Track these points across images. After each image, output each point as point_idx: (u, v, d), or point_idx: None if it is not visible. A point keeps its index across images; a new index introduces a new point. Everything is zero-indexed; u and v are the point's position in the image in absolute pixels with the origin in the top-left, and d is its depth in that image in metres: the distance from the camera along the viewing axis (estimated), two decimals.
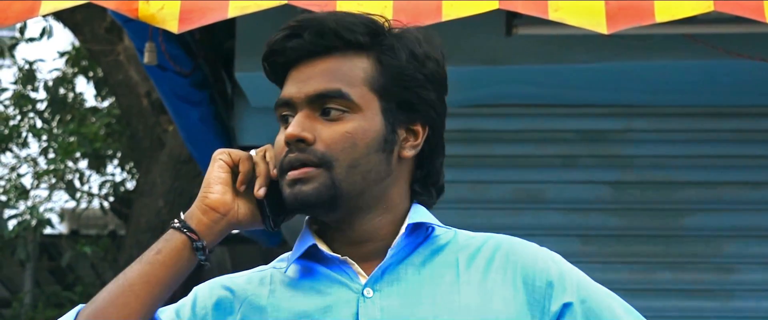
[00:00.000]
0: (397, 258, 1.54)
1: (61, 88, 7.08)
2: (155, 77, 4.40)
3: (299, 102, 1.53)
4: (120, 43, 6.14)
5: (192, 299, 1.62)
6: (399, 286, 1.52)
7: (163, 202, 6.12)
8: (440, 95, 1.57)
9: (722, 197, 4.24)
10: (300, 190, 1.50)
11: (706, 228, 4.23)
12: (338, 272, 1.54)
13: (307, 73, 1.53)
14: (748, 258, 4.22)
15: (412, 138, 1.56)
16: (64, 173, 6.74)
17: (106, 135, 6.85)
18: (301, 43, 1.53)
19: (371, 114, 1.52)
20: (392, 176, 1.54)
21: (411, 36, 1.55)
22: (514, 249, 1.57)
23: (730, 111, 4.25)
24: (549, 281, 1.54)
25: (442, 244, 1.57)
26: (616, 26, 2.97)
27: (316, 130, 1.51)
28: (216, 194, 1.53)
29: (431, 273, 1.54)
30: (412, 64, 1.54)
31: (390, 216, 1.55)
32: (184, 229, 1.54)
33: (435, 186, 1.60)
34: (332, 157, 1.50)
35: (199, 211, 1.54)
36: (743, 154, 4.25)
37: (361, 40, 1.53)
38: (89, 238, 6.96)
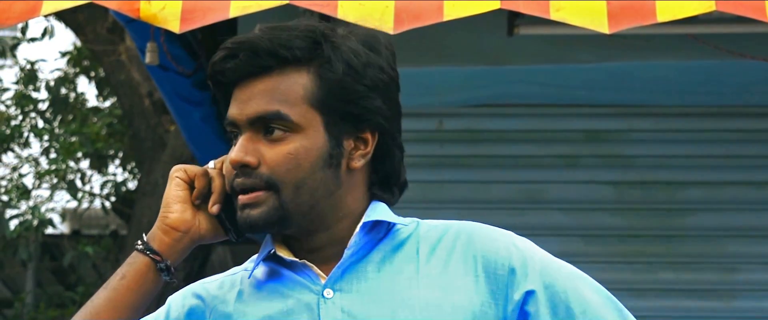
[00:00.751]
0: (357, 257, 1.54)
1: (63, 88, 7.08)
2: (157, 77, 4.40)
3: (242, 124, 1.52)
4: (122, 43, 6.14)
5: (165, 310, 1.63)
6: (359, 285, 1.53)
7: None
8: (387, 99, 1.55)
9: (725, 197, 4.23)
10: (248, 214, 1.51)
11: (708, 228, 4.23)
12: (300, 274, 1.55)
13: (248, 94, 1.52)
14: (751, 257, 4.22)
15: (362, 147, 1.55)
16: (65, 173, 6.74)
17: (108, 135, 6.85)
18: (238, 64, 1.52)
19: (313, 132, 1.52)
20: (343, 187, 1.54)
21: (349, 46, 1.54)
22: (474, 237, 1.56)
23: (733, 111, 4.24)
24: (511, 268, 1.52)
25: (403, 238, 1.56)
26: (617, 26, 2.96)
27: (260, 151, 1.51)
28: (175, 214, 1.55)
29: (391, 268, 1.54)
30: (350, 76, 1.52)
31: (346, 222, 1.55)
32: (146, 251, 1.55)
33: (396, 184, 1.59)
34: (278, 180, 1.50)
35: (161, 231, 1.56)
36: (746, 154, 4.24)
37: (297, 55, 1.52)
38: (91, 238, 6.97)
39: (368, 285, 1.52)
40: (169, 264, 1.55)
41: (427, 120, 4.29)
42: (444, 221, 1.59)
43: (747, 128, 4.24)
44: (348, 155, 1.54)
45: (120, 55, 6.19)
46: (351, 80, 1.52)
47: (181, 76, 4.30)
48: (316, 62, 1.52)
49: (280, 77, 1.52)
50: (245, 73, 1.52)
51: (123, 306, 1.55)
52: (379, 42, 1.57)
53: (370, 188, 1.57)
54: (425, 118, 4.23)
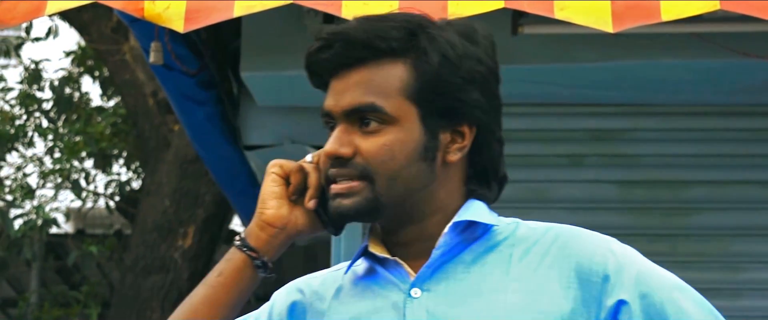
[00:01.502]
0: (447, 257, 1.51)
1: (67, 87, 7.08)
2: (161, 77, 4.40)
3: (337, 116, 1.52)
4: (126, 42, 6.15)
5: (269, 307, 1.63)
6: (446, 285, 1.50)
7: (169, 201, 6.12)
8: (485, 91, 1.51)
9: (730, 196, 4.23)
10: (340, 203, 1.50)
11: (713, 227, 4.22)
12: (392, 272, 1.54)
13: (343, 85, 1.52)
14: (756, 256, 4.21)
15: (458, 140, 1.52)
16: (69, 173, 6.74)
17: (112, 135, 6.85)
18: (332, 55, 1.51)
19: (409, 124, 1.50)
20: (438, 181, 1.52)
21: (446, 37, 1.51)
22: (571, 241, 1.51)
23: (737, 110, 4.24)
24: (605, 275, 1.47)
25: (498, 240, 1.52)
26: (622, 25, 2.95)
27: (355, 143, 1.51)
28: (271, 210, 1.54)
29: (481, 270, 1.50)
30: (446, 68, 1.50)
31: (440, 217, 1.52)
32: (243, 248, 1.54)
33: (495, 178, 1.56)
34: (372, 170, 1.49)
35: (257, 227, 1.55)
36: (751, 153, 4.24)
37: (393, 46, 1.50)
38: (95, 237, 6.97)
39: (456, 286, 1.50)
40: (266, 261, 1.54)
41: None
42: (545, 224, 1.56)
43: (752, 127, 4.23)
44: (444, 149, 1.52)
45: (124, 54, 6.19)
46: (447, 72, 1.50)
47: (186, 75, 4.30)
48: (412, 54, 1.50)
49: (375, 69, 1.50)
50: (340, 64, 1.51)
51: (220, 303, 1.54)
52: (477, 33, 1.53)
53: (467, 183, 1.54)
54: None
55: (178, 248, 6.12)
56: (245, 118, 4.54)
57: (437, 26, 1.52)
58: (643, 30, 3.31)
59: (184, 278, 6.12)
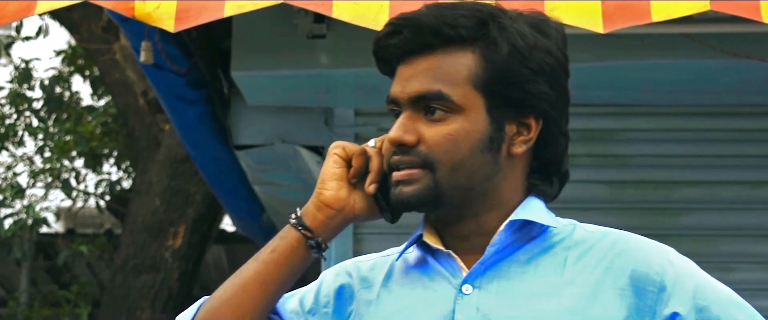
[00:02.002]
0: (502, 255, 1.50)
1: (58, 86, 7.06)
2: (152, 76, 4.39)
3: (403, 102, 1.50)
4: (116, 42, 6.13)
5: (317, 286, 1.61)
6: (499, 284, 1.48)
7: (160, 201, 6.11)
8: (554, 84, 1.50)
9: (720, 196, 4.23)
10: (402, 191, 1.48)
11: (703, 228, 4.23)
12: (444, 265, 1.52)
13: (411, 72, 1.50)
14: (746, 257, 4.22)
15: (524, 132, 1.50)
16: (60, 172, 6.72)
17: (103, 134, 6.83)
18: (401, 41, 1.49)
19: (474, 114, 1.48)
20: (501, 173, 1.50)
21: (516, 27, 1.49)
22: (629, 249, 1.49)
23: (728, 111, 4.24)
24: (661, 285, 1.46)
25: (554, 241, 1.51)
26: (612, 25, 2.95)
27: (420, 130, 1.49)
28: (330, 191, 1.52)
29: (535, 272, 1.48)
30: (515, 58, 1.47)
31: (499, 212, 1.50)
32: (299, 226, 1.53)
33: (557, 174, 1.54)
34: (435, 159, 1.47)
35: (314, 207, 1.53)
36: (741, 153, 4.24)
37: (463, 34, 1.48)
38: (85, 237, 6.95)
39: (508, 285, 1.48)
40: (320, 241, 1.53)
41: None
42: (602, 228, 1.54)
43: (742, 127, 4.24)
44: (509, 141, 1.50)
45: (115, 54, 6.18)
46: (516, 63, 1.48)
47: (176, 75, 4.29)
48: (481, 43, 1.48)
49: (443, 56, 1.48)
50: (408, 50, 1.49)
51: (270, 279, 1.53)
52: (548, 25, 1.52)
53: (529, 177, 1.52)
54: None
55: (169, 247, 6.10)
56: (235, 117, 4.53)
57: (508, 16, 1.51)
58: (634, 30, 3.31)
59: (175, 277, 6.10)
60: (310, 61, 4.03)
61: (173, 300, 6.11)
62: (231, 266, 7.49)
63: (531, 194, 1.52)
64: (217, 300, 1.55)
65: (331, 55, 4.04)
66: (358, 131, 4.34)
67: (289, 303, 1.60)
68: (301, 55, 4.03)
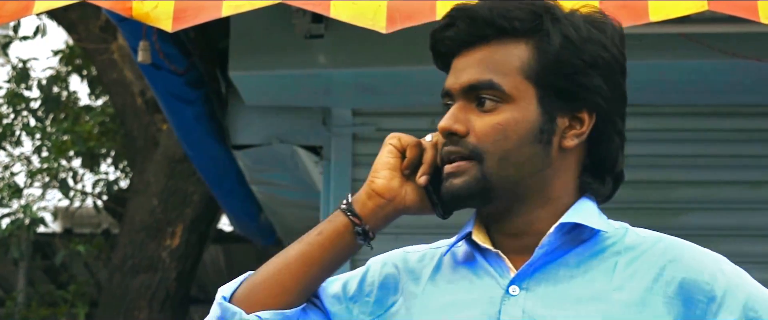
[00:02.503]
0: (551, 257, 1.48)
1: (55, 86, 7.06)
2: (149, 76, 4.39)
3: (455, 93, 1.51)
4: (114, 41, 6.13)
5: (362, 273, 1.60)
6: (546, 287, 1.47)
7: (157, 201, 6.11)
8: (608, 80, 1.48)
9: (717, 196, 4.23)
10: (451, 183, 1.48)
11: (702, 228, 4.22)
12: (492, 264, 1.51)
13: (464, 64, 1.50)
14: (744, 257, 4.15)
15: (576, 126, 1.49)
16: (57, 172, 6.71)
17: (100, 134, 6.83)
18: (456, 33, 1.50)
19: (525, 104, 1.47)
20: (552, 167, 1.48)
21: (570, 20, 1.49)
22: (681, 257, 1.47)
23: (726, 110, 4.24)
24: (711, 295, 1.44)
25: (605, 246, 1.49)
26: None
27: (470, 121, 1.49)
28: (382, 180, 1.52)
29: (584, 276, 1.46)
30: (568, 49, 1.47)
31: (551, 209, 1.49)
32: (348, 212, 1.53)
33: (611, 173, 1.52)
34: (483, 149, 1.47)
35: (365, 195, 1.53)
36: (739, 153, 4.24)
37: (516, 26, 1.48)
38: (83, 237, 6.95)
39: (556, 289, 1.46)
40: (368, 229, 1.52)
41: (420, 119, 4.28)
42: (654, 234, 1.53)
43: (740, 127, 4.24)
44: (561, 133, 1.49)
45: (112, 53, 6.17)
46: (568, 54, 1.47)
47: (174, 74, 4.29)
48: (535, 35, 1.49)
49: (496, 47, 1.49)
50: (463, 42, 1.50)
51: (314, 261, 1.53)
52: (604, 22, 1.52)
53: (581, 175, 1.51)
54: (418, 117, 4.22)
55: (166, 247, 6.10)
56: (233, 117, 4.53)
57: (563, 10, 1.51)
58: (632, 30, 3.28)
59: (172, 277, 6.10)
60: (308, 61, 4.03)
61: (171, 300, 6.10)
62: (229, 266, 7.48)
63: (584, 193, 1.51)
64: (260, 277, 1.54)
65: (329, 55, 4.03)
66: (356, 131, 4.33)
67: (332, 287, 1.59)
68: (299, 55, 4.02)
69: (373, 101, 4.29)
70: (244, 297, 1.53)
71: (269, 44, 4.04)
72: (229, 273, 7.40)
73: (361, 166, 4.33)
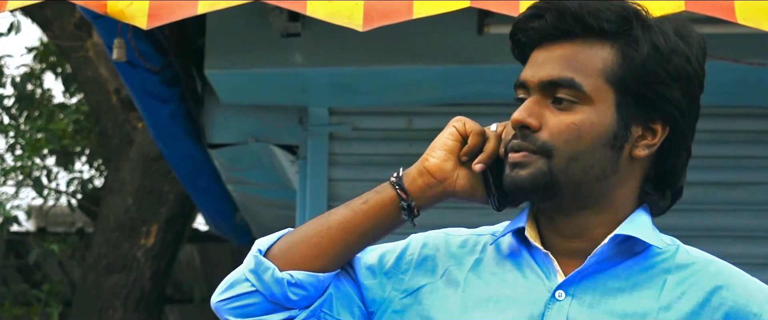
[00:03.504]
0: (602, 266, 1.47)
1: (29, 84, 7.01)
2: (125, 74, 4.36)
3: (532, 86, 1.48)
4: (89, 39, 6.09)
5: (402, 249, 1.57)
6: (593, 296, 1.46)
7: (132, 200, 6.07)
8: (688, 94, 1.48)
9: (696, 197, 4.23)
10: (517, 174, 1.45)
11: (676, 229, 4.16)
12: (540, 264, 1.49)
13: (545, 57, 1.48)
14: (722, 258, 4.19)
15: (649, 136, 1.48)
16: (31, 170, 6.67)
17: (75, 132, 6.78)
18: (542, 25, 1.48)
19: (603, 107, 1.46)
20: (619, 174, 1.47)
21: (660, 28, 1.48)
22: (730, 283, 1.47)
23: (703, 111, 4.16)
24: None
25: (655, 261, 1.49)
26: None
27: (544, 117, 1.47)
28: (436, 160, 1.50)
29: (631, 290, 1.46)
30: (655, 58, 1.46)
31: (609, 217, 1.48)
32: (396, 186, 1.51)
33: (672, 188, 1.53)
34: (553, 146, 1.45)
35: (416, 171, 1.51)
36: (716, 155, 4.24)
37: (604, 27, 1.46)
38: (57, 236, 6.90)
39: (603, 300, 1.46)
40: (414, 206, 1.50)
41: (396, 119, 4.28)
42: (706, 255, 1.53)
43: (717, 128, 4.24)
44: (633, 142, 1.47)
45: (87, 51, 6.13)
46: (654, 63, 1.46)
47: (150, 72, 4.26)
48: (622, 38, 1.47)
49: (581, 46, 1.47)
50: (547, 34, 1.48)
51: (355, 229, 1.51)
52: (691, 33, 1.50)
53: (643, 185, 1.50)
54: (395, 116, 4.21)
55: (141, 246, 6.07)
56: (209, 116, 4.51)
57: (653, 17, 1.50)
58: None
59: (147, 277, 6.07)
60: (285, 60, 4.01)
61: (146, 299, 6.07)
62: (204, 265, 7.45)
63: (642, 205, 1.51)
64: (300, 236, 1.52)
65: (306, 53, 4.02)
66: (333, 130, 4.32)
67: (368, 257, 1.56)
68: (276, 54, 4.01)
69: (350, 99, 4.28)
70: (280, 253, 1.52)
71: (245, 43, 4.03)
72: (204, 272, 7.37)
73: (337, 165, 4.32)
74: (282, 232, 1.55)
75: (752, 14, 2.93)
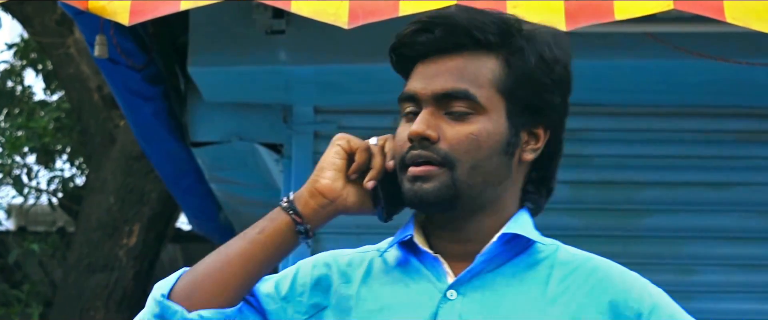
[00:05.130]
0: (490, 265, 1.54)
1: (9, 81, 6.96)
2: (106, 71, 4.32)
3: (425, 99, 1.53)
4: (71, 35, 6.04)
5: (293, 274, 1.61)
6: (483, 294, 1.52)
7: (114, 199, 6.03)
8: (565, 99, 1.58)
9: (682, 198, 4.22)
10: (421, 187, 1.50)
11: (666, 229, 4.22)
12: (429, 268, 1.55)
13: (435, 70, 1.53)
14: (708, 259, 4.21)
15: (533, 141, 1.56)
16: (11, 168, 6.62)
17: (56, 130, 6.74)
18: (431, 39, 1.53)
19: (496, 116, 1.53)
20: (510, 179, 1.55)
21: (542, 38, 1.55)
22: (609, 275, 1.55)
23: (691, 111, 4.23)
24: (639, 312, 1.52)
25: (539, 258, 1.56)
26: (575, 24, 2.96)
27: (441, 129, 1.52)
28: (327, 180, 1.54)
29: (520, 286, 1.53)
30: (541, 68, 1.53)
31: (496, 218, 1.55)
32: (290, 211, 1.54)
33: (547, 187, 1.60)
34: (455, 157, 1.50)
35: (308, 194, 1.55)
36: (703, 155, 4.23)
37: (491, 39, 1.53)
38: (37, 235, 6.85)
39: (492, 296, 1.52)
40: (309, 228, 1.54)
41: (382, 117, 4.24)
42: (583, 252, 1.59)
43: (705, 128, 4.23)
44: (522, 147, 1.55)
45: (69, 48, 6.08)
46: (541, 72, 1.53)
47: (132, 70, 4.22)
48: (506, 50, 1.53)
49: (469, 58, 1.53)
50: (436, 48, 1.53)
51: (256, 259, 1.54)
52: (563, 40, 1.58)
53: (526, 186, 1.58)
54: (381, 115, 4.17)
55: (123, 246, 6.02)
56: (192, 114, 4.47)
57: (532, 27, 1.57)
58: (597, 29, 3.30)
59: (129, 277, 6.02)
60: (269, 58, 3.98)
61: (128, 299, 6.02)
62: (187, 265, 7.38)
63: (523, 205, 1.58)
64: (201, 274, 1.56)
65: (291, 51, 3.98)
66: (318, 128, 4.28)
67: (265, 286, 1.60)
68: (260, 51, 3.98)
69: (335, 98, 4.25)
70: (184, 294, 1.55)
71: (229, 40, 3.99)
72: None
73: None
74: (179, 272, 1.60)
75: (741, 13, 2.92)
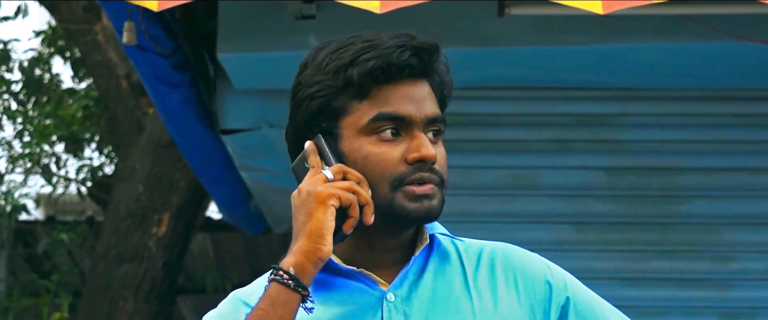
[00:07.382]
0: (418, 265, 1.62)
1: (37, 68, 6.95)
2: (134, 58, 4.29)
3: (417, 122, 1.57)
4: (98, 22, 6.02)
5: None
6: (417, 292, 1.60)
7: (143, 187, 6.01)
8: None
9: (720, 183, 4.16)
10: (430, 204, 1.57)
11: (703, 216, 4.15)
12: (357, 282, 1.60)
13: (417, 94, 1.58)
14: (747, 246, 4.14)
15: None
16: (39, 157, 6.62)
17: (84, 118, 6.72)
18: (418, 64, 1.57)
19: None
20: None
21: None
22: (511, 255, 1.66)
23: (729, 95, 4.17)
24: (548, 282, 1.64)
25: (447, 250, 1.66)
26: (612, 7, 2.92)
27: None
28: (328, 246, 1.53)
29: (444, 279, 1.62)
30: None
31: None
32: (299, 288, 1.52)
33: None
34: (444, 177, 1.59)
35: (311, 264, 1.53)
36: (742, 139, 4.17)
37: (433, 63, 1.60)
38: (66, 224, 6.84)
39: (426, 293, 1.60)
40: (309, 294, 1.54)
41: None
42: (476, 240, 1.68)
43: (744, 112, 4.16)
44: None
45: (96, 34, 6.06)
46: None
47: (160, 56, 4.18)
48: (434, 70, 1.61)
49: (424, 83, 1.59)
50: (418, 73, 1.58)
51: None
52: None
53: None
54: None
55: (152, 235, 6.00)
56: (221, 101, 4.44)
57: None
58: (634, 12, 3.25)
59: (158, 267, 6.00)
60: (299, 43, 3.93)
61: (157, 289, 6.00)
62: (217, 255, 7.38)
63: None
64: None
65: (321, 36, 3.93)
66: None
67: None
68: (290, 37, 3.93)
69: None
70: None
71: (259, 25, 3.95)
72: (217, 262, 7.31)
73: None
74: None
75: None
